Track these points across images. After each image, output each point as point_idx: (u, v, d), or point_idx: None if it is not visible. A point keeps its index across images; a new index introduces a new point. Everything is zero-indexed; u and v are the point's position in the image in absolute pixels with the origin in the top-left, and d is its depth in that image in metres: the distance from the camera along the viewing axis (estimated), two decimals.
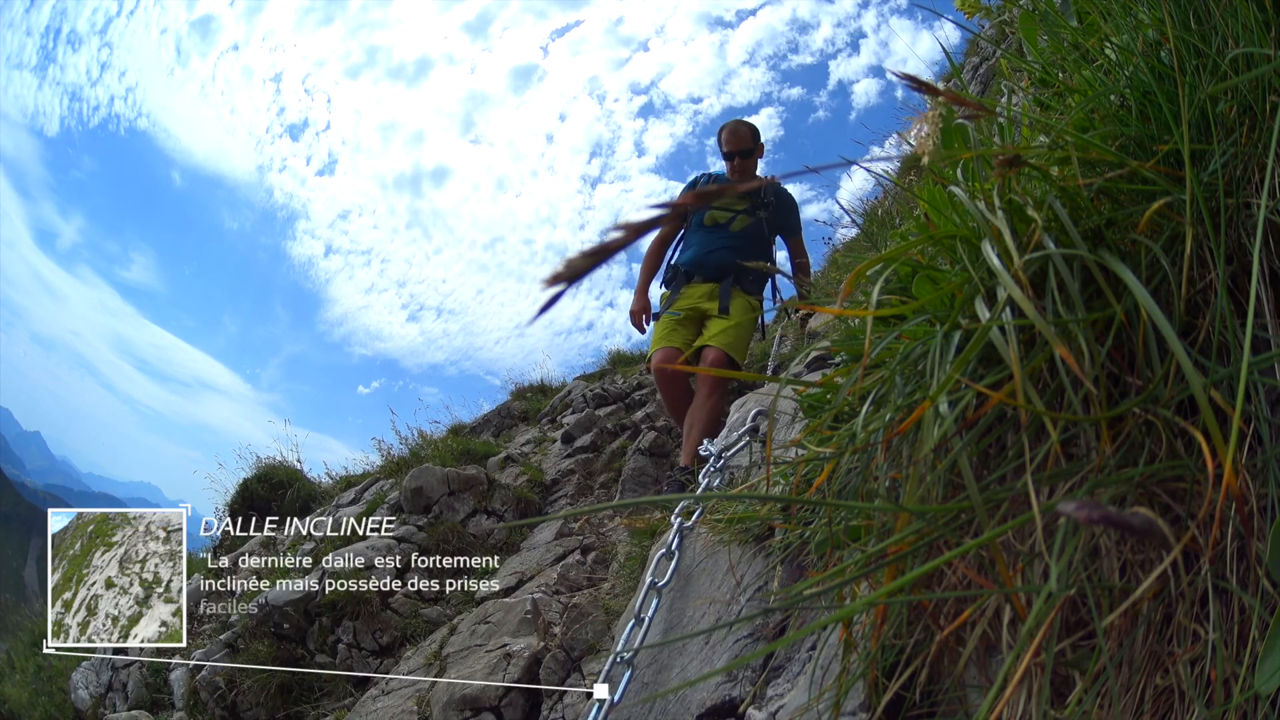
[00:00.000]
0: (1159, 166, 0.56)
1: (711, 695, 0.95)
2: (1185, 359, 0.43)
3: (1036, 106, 0.80)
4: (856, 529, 0.68)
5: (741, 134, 3.08)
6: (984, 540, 0.43)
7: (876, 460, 0.63)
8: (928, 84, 0.47)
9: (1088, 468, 0.51)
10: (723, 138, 3.11)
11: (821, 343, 0.86)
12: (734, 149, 3.06)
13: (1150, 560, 0.50)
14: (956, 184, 0.65)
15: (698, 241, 3.08)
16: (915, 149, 0.75)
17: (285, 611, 2.88)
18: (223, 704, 2.79)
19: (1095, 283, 0.53)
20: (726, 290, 2.95)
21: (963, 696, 0.60)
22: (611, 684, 1.13)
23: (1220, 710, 0.44)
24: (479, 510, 3.55)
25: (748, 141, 3.07)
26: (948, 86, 0.54)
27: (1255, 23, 0.54)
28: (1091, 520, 0.28)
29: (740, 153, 3.06)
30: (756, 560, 1.07)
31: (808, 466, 0.81)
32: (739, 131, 3.09)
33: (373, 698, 2.17)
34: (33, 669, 3.92)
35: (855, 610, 0.56)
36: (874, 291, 0.60)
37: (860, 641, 0.63)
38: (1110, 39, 0.68)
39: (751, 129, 3.12)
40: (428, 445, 4.41)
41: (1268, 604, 0.45)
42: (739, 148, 3.05)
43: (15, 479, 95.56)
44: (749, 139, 3.08)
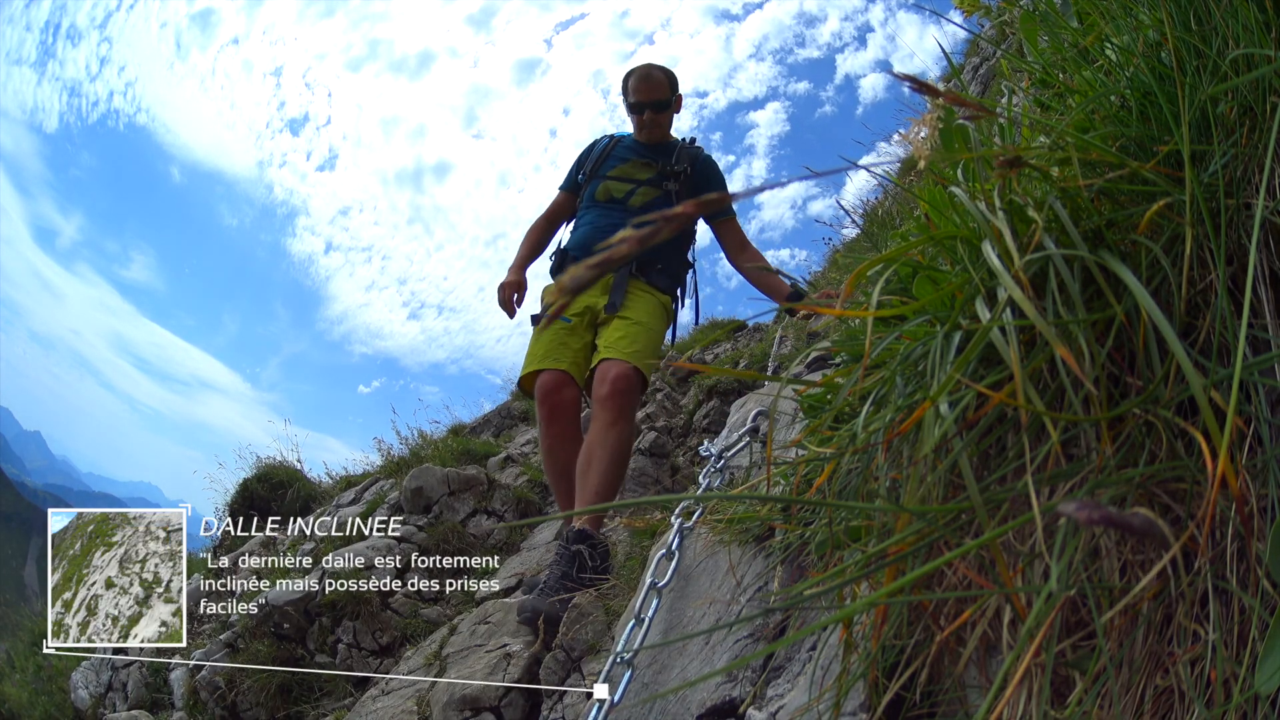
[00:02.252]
0: (1159, 167, 0.56)
1: (712, 695, 0.95)
2: (1185, 360, 0.43)
3: (1037, 107, 0.80)
4: (857, 529, 0.68)
5: (655, 80, 2.40)
6: (984, 540, 0.43)
7: (877, 461, 0.63)
8: (928, 85, 0.47)
9: (1088, 468, 0.51)
10: (630, 85, 2.41)
11: (822, 343, 0.86)
12: (644, 98, 2.37)
13: (1150, 560, 0.50)
14: (957, 184, 0.65)
15: (589, 220, 2.39)
16: (914, 152, 0.75)
17: (285, 611, 2.88)
18: (223, 704, 2.79)
19: (1095, 283, 0.53)
20: (622, 282, 2.27)
21: (963, 697, 0.60)
22: (611, 684, 1.13)
23: (1220, 710, 0.44)
24: (479, 510, 3.55)
25: (663, 91, 2.40)
26: (948, 87, 0.54)
27: (1256, 23, 0.54)
28: (1092, 521, 0.28)
29: (652, 104, 2.37)
30: (757, 560, 1.07)
31: (808, 467, 0.81)
32: (652, 76, 2.40)
33: (373, 698, 2.17)
34: (33, 669, 3.92)
35: (855, 610, 0.56)
36: (874, 292, 0.60)
37: (860, 642, 0.63)
38: (1111, 40, 0.68)
39: (668, 74, 2.44)
40: (428, 445, 4.41)
41: (1268, 604, 0.45)
42: (651, 98, 2.37)
43: (15, 479, 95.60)
44: (664, 87, 2.41)
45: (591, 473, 2.02)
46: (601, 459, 2.02)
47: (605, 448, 2.04)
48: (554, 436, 2.20)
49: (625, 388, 2.10)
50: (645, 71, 2.43)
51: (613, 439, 2.04)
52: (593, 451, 2.05)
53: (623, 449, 2.07)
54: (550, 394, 2.18)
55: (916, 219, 0.78)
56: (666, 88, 2.42)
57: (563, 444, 2.18)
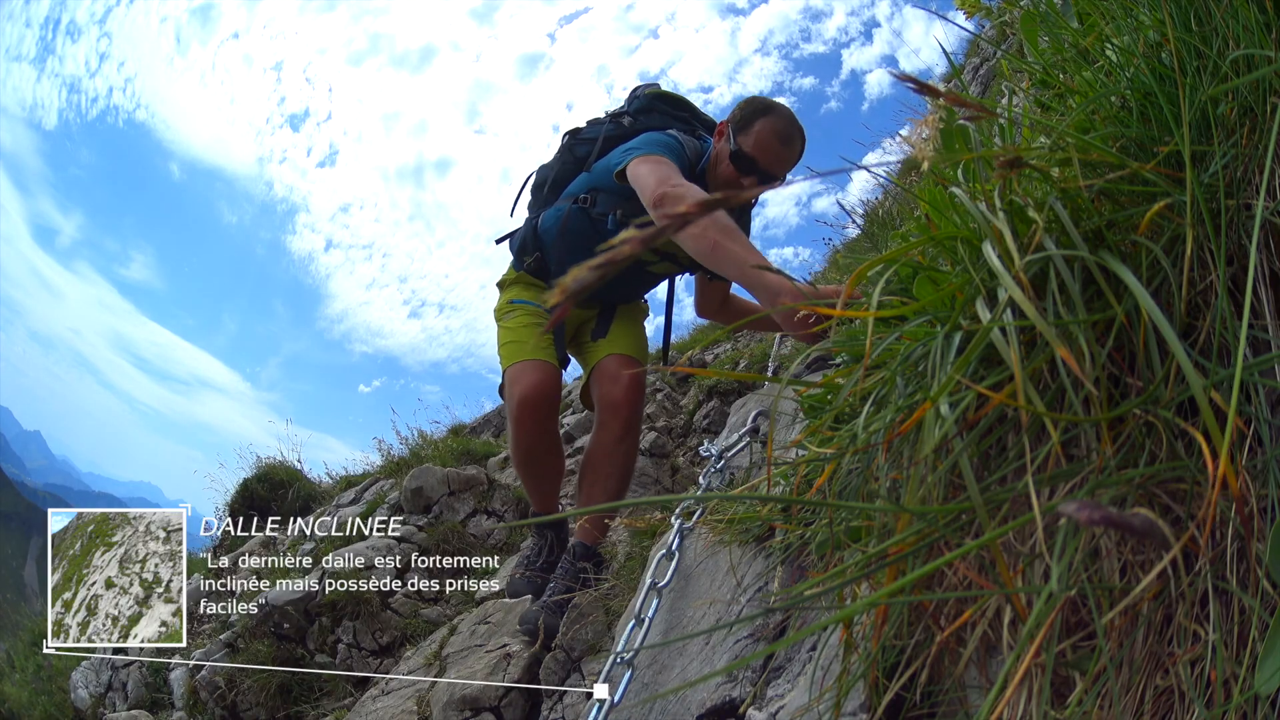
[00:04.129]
0: (1160, 168, 0.56)
1: (712, 696, 0.95)
2: (1185, 360, 0.43)
3: (1037, 108, 0.80)
4: (857, 530, 0.68)
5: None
6: (985, 541, 0.43)
7: (877, 461, 0.63)
8: (929, 86, 0.47)
9: (1088, 469, 0.51)
10: (794, 151, 1.84)
11: (822, 343, 0.86)
12: (782, 172, 1.85)
13: (1150, 561, 0.50)
14: (957, 185, 0.65)
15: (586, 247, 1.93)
16: (917, 152, 0.75)
17: (285, 611, 2.88)
18: (223, 704, 2.79)
19: (1096, 284, 0.53)
20: (609, 314, 2.12)
21: (963, 697, 0.60)
22: (611, 684, 1.13)
23: (1220, 711, 0.44)
24: (479, 510, 3.56)
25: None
26: (949, 88, 0.54)
27: (1256, 24, 0.54)
28: (1092, 521, 0.28)
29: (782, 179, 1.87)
30: (757, 561, 1.07)
31: (808, 467, 0.81)
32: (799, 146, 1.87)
33: (373, 698, 2.17)
34: (33, 668, 3.92)
35: (856, 611, 0.56)
36: (875, 292, 0.60)
37: (861, 642, 0.63)
38: (1111, 40, 0.68)
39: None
40: (428, 445, 4.41)
41: (1268, 605, 0.45)
42: (784, 172, 1.86)
43: (15, 478, 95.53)
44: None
45: (598, 490, 1.95)
46: (610, 476, 1.94)
47: (614, 464, 1.94)
48: (539, 435, 1.98)
49: (640, 394, 1.98)
50: (801, 136, 1.84)
51: (621, 455, 1.95)
52: (599, 465, 1.95)
53: (631, 465, 1.99)
54: (550, 392, 1.95)
55: (917, 219, 0.78)
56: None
57: (547, 449, 2.01)
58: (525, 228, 2.14)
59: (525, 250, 2.11)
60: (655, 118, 2.07)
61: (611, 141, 2.02)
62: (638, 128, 2.03)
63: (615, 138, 2.03)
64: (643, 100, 2.10)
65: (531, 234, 2.09)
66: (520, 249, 2.14)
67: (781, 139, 1.82)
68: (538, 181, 2.17)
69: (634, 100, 2.12)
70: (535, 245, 2.08)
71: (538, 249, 2.08)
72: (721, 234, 1.45)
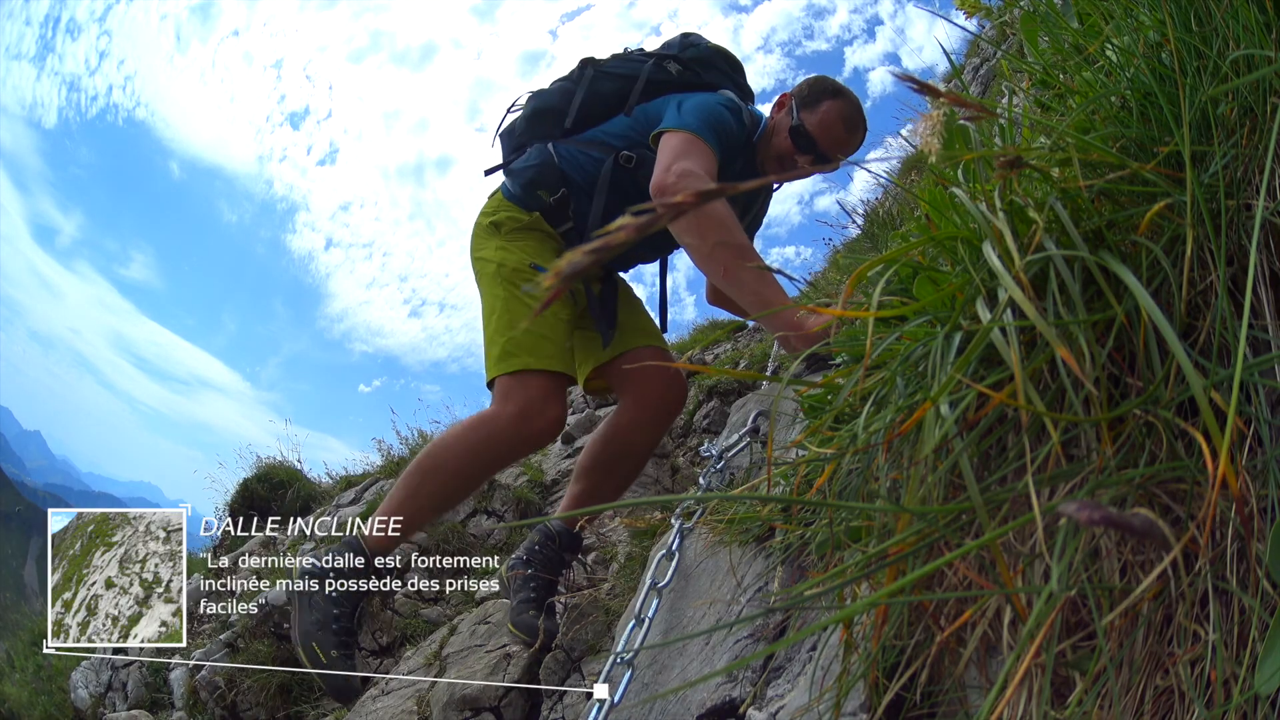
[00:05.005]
0: (1160, 168, 0.56)
1: (712, 696, 0.95)
2: (1186, 360, 0.43)
3: (1037, 108, 0.80)
4: (857, 530, 0.68)
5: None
6: (985, 541, 0.43)
7: (877, 461, 0.63)
8: (930, 86, 0.47)
9: (1088, 469, 0.51)
10: (856, 140, 1.78)
11: (822, 343, 0.86)
12: (845, 155, 1.77)
13: (1151, 561, 0.50)
14: (957, 185, 0.65)
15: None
16: (923, 146, 0.75)
17: (285, 611, 2.88)
18: (223, 704, 2.79)
19: (1096, 284, 0.53)
20: (612, 289, 1.93)
21: (963, 697, 0.60)
22: (611, 684, 1.13)
23: (1220, 711, 0.44)
24: (479, 510, 3.55)
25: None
26: (949, 87, 0.54)
27: (1256, 24, 0.54)
28: (1092, 521, 0.28)
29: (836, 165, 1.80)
30: (757, 561, 1.07)
31: (808, 467, 0.81)
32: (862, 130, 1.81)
33: (372, 698, 2.17)
34: (32, 668, 3.92)
35: (856, 611, 0.56)
36: (875, 292, 0.60)
37: (861, 642, 0.63)
38: (1111, 40, 0.68)
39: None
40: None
41: (1268, 605, 0.45)
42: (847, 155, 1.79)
43: (15, 478, 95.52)
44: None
45: (609, 487, 1.88)
46: (628, 476, 1.90)
47: (638, 468, 1.88)
48: (510, 458, 1.75)
49: (681, 406, 1.86)
50: (864, 127, 1.78)
51: (647, 460, 1.87)
52: (619, 464, 1.85)
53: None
54: (556, 421, 1.67)
55: (917, 219, 0.78)
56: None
57: (503, 466, 1.83)
58: (537, 157, 1.81)
59: (544, 184, 1.78)
60: (714, 74, 1.86)
61: (655, 87, 1.81)
62: (688, 79, 1.82)
63: (660, 83, 1.81)
64: (704, 51, 1.87)
65: (553, 166, 1.78)
66: (536, 181, 1.79)
67: (848, 125, 1.74)
68: (541, 108, 1.87)
69: (688, 48, 1.88)
70: (560, 180, 1.78)
71: (563, 185, 1.78)
72: (729, 253, 1.44)
